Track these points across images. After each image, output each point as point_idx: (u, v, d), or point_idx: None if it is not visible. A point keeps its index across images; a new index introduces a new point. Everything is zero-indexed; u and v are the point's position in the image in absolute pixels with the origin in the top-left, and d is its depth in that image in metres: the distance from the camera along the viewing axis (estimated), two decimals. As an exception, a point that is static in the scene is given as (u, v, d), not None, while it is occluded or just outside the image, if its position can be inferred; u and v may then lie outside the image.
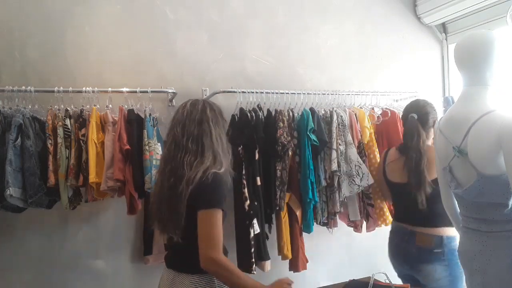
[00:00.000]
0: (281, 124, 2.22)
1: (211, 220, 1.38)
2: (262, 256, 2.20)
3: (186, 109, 1.53)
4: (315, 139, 2.23)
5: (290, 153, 2.22)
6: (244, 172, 2.15)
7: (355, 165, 2.30)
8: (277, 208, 2.25)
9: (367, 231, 2.49)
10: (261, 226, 2.19)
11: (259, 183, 2.18)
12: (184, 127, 1.49)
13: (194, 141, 1.47)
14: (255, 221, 2.14)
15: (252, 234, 2.13)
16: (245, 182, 2.14)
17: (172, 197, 1.42)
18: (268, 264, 2.21)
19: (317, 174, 2.29)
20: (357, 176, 2.29)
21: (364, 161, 2.39)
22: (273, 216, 2.33)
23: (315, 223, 2.34)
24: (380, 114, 2.56)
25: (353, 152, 2.32)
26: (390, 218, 2.44)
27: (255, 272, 2.15)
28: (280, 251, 2.29)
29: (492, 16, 2.69)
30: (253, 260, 2.14)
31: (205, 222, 1.38)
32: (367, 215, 2.44)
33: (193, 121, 1.50)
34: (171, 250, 1.62)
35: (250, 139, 2.18)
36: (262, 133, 2.20)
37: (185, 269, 1.46)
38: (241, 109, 2.28)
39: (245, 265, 2.16)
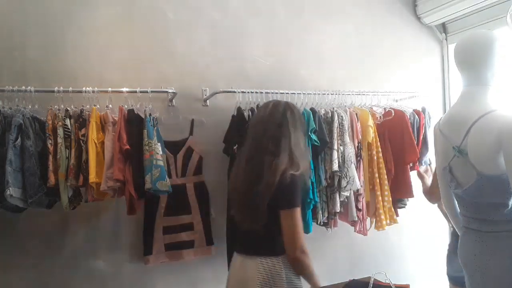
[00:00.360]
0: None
1: (293, 218, 1.54)
2: None
3: (269, 110, 1.65)
4: (316, 139, 2.23)
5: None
6: None
7: (345, 167, 2.30)
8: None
9: (356, 232, 2.48)
10: None
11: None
12: (265, 127, 1.61)
13: (274, 142, 1.58)
14: None
15: None
16: None
17: (251, 194, 1.57)
18: None
19: (317, 174, 2.29)
20: (344, 179, 2.28)
21: (358, 162, 2.38)
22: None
23: (314, 223, 2.34)
24: (382, 114, 2.55)
25: (346, 153, 2.32)
26: (384, 223, 2.43)
27: None
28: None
29: (492, 16, 2.69)
30: None
31: (288, 220, 1.54)
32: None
33: (274, 122, 1.61)
34: (241, 237, 1.76)
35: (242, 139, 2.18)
36: None
37: (253, 252, 1.63)
38: (239, 108, 2.28)
39: None
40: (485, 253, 1.50)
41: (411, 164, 2.59)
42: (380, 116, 2.54)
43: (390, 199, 2.47)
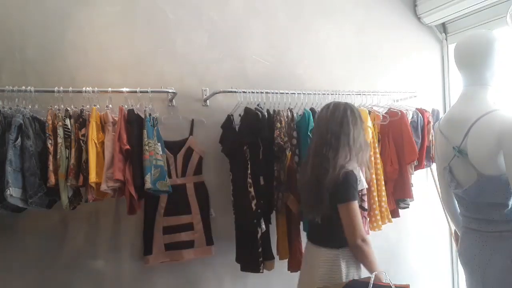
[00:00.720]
0: (278, 125, 2.22)
1: (349, 211, 1.69)
2: (268, 255, 2.20)
3: (330, 109, 1.80)
4: (316, 139, 2.23)
5: (288, 153, 2.22)
6: (249, 171, 2.15)
7: None
8: (275, 209, 2.25)
9: None
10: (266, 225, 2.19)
11: (262, 182, 2.18)
12: (327, 125, 1.76)
13: (335, 139, 1.73)
14: (262, 219, 2.14)
15: (260, 233, 2.13)
16: (250, 181, 2.15)
17: (317, 186, 1.72)
18: (273, 263, 2.22)
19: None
20: None
21: None
22: (272, 216, 2.32)
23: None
24: (388, 114, 2.55)
25: None
26: (380, 223, 2.42)
27: (263, 271, 2.15)
28: (278, 250, 2.29)
29: (492, 16, 2.69)
30: (261, 259, 2.14)
31: (345, 213, 1.70)
32: None
33: (335, 120, 1.76)
34: (311, 227, 1.96)
35: (256, 139, 2.18)
36: (267, 133, 2.20)
37: (319, 243, 1.82)
38: (247, 108, 2.27)
39: (253, 265, 2.15)
40: (485, 253, 1.50)
41: (416, 163, 2.59)
42: (385, 116, 2.52)
43: (386, 199, 2.46)
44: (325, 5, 2.80)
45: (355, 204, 1.71)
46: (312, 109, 2.33)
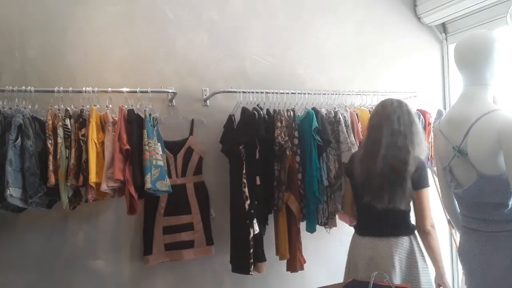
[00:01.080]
0: (279, 124, 2.22)
1: (426, 197, 1.82)
2: (260, 257, 2.19)
3: (395, 105, 1.90)
4: (319, 139, 2.23)
5: (288, 153, 2.21)
6: (244, 171, 2.15)
7: None
8: (275, 209, 2.25)
9: None
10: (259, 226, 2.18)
11: (258, 182, 2.18)
12: (399, 118, 1.85)
13: (409, 130, 1.83)
14: (255, 221, 2.13)
15: (252, 234, 2.12)
16: (245, 181, 2.14)
17: (394, 174, 1.78)
18: (264, 265, 2.21)
19: (320, 174, 2.27)
20: None
21: None
22: (271, 216, 2.32)
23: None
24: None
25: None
26: None
27: (252, 273, 2.14)
28: (278, 251, 2.29)
29: (492, 16, 2.69)
30: (252, 261, 2.13)
31: (422, 199, 1.82)
32: None
33: (404, 113, 1.86)
34: (371, 221, 1.94)
35: (252, 138, 2.18)
36: (264, 133, 2.20)
37: (387, 233, 1.86)
38: (244, 108, 2.27)
39: (243, 266, 2.14)
40: (485, 253, 1.50)
41: None
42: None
43: None
44: (325, 5, 2.80)
45: (428, 190, 1.84)
46: (314, 109, 2.33)
